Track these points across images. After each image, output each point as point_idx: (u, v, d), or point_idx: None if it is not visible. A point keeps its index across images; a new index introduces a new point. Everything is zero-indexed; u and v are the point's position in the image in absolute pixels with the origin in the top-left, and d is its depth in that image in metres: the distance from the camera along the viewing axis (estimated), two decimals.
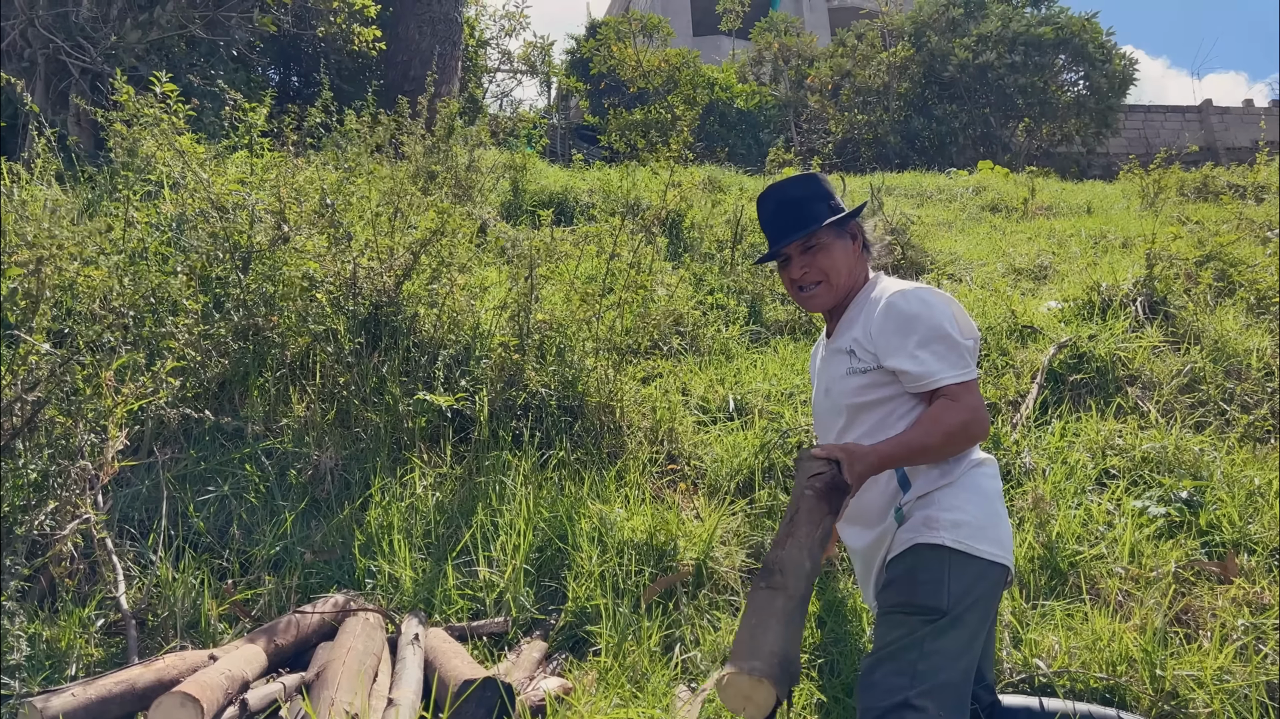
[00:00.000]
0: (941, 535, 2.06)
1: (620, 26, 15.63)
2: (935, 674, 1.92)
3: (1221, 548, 3.19)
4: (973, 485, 2.15)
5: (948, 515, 2.09)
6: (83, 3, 7.01)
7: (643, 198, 7.04)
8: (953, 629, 1.98)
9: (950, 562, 2.05)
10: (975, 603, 2.03)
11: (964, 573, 2.04)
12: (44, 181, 4.38)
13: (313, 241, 3.86)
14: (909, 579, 2.08)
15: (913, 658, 1.95)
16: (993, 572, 2.08)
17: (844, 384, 2.26)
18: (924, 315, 2.14)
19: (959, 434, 2.07)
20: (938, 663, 1.94)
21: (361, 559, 2.99)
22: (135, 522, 2.95)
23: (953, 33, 15.90)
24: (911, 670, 1.93)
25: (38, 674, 2.33)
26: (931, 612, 2.00)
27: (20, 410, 2.67)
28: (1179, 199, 8.93)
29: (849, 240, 2.38)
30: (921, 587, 2.04)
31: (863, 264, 2.41)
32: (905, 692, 1.90)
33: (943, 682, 1.92)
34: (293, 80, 11.39)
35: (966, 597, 2.02)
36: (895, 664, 1.97)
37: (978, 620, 2.04)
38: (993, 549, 2.09)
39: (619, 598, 2.88)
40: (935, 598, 2.01)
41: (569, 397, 3.83)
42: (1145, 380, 4.37)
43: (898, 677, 1.94)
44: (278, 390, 3.48)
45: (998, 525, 2.15)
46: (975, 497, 2.13)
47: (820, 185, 2.43)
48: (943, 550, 2.06)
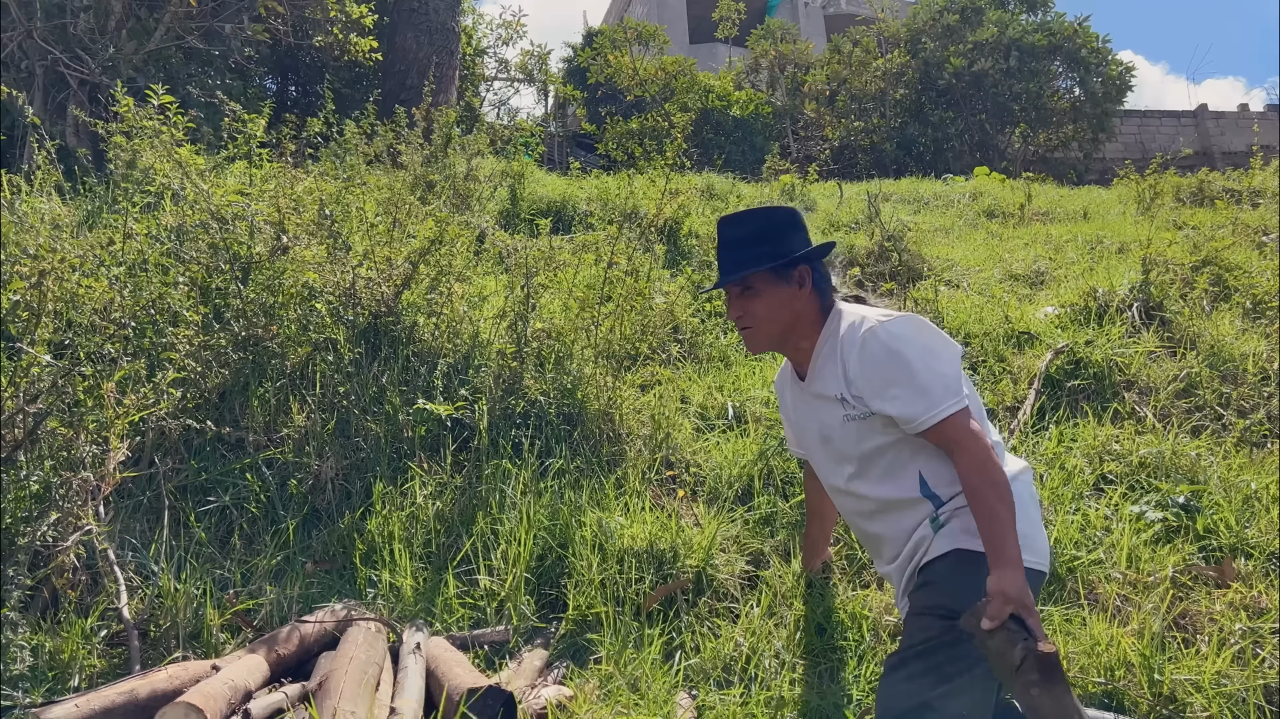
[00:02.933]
0: (979, 544, 2.02)
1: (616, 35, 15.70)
2: (960, 678, 1.91)
3: (1219, 552, 3.21)
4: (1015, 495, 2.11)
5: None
6: (80, 14, 7.03)
7: (640, 206, 7.06)
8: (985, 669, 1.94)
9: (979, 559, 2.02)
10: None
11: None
12: (44, 193, 4.39)
13: (312, 252, 3.87)
14: (946, 583, 2.05)
15: (939, 660, 1.94)
16: (1032, 579, 2.04)
17: (844, 431, 2.22)
18: (901, 352, 2.09)
19: (994, 472, 2.00)
20: (965, 667, 1.92)
21: (362, 568, 3.00)
22: (137, 532, 2.96)
23: (948, 39, 15.96)
24: (938, 672, 1.92)
25: (40, 685, 2.34)
26: (957, 615, 1.97)
27: (22, 422, 2.68)
28: (1175, 204, 8.96)
29: (792, 285, 2.29)
30: (958, 592, 2.00)
31: (811, 306, 2.31)
32: (928, 693, 1.89)
33: (967, 687, 1.90)
34: (290, 90, 11.42)
35: None
36: (921, 664, 1.95)
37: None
38: (1032, 557, 2.05)
39: (619, 606, 2.89)
40: (970, 604, 1.97)
41: (568, 405, 3.84)
42: (1142, 385, 4.39)
43: (923, 677, 1.92)
44: (278, 400, 3.49)
45: (1037, 534, 2.14)
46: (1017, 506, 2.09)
47: (770, 222, 2.34)
48: (983, 558, 2.00)
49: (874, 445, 2.18)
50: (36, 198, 4.37)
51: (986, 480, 2.00)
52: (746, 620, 2.86)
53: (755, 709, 2.51)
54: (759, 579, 3.13)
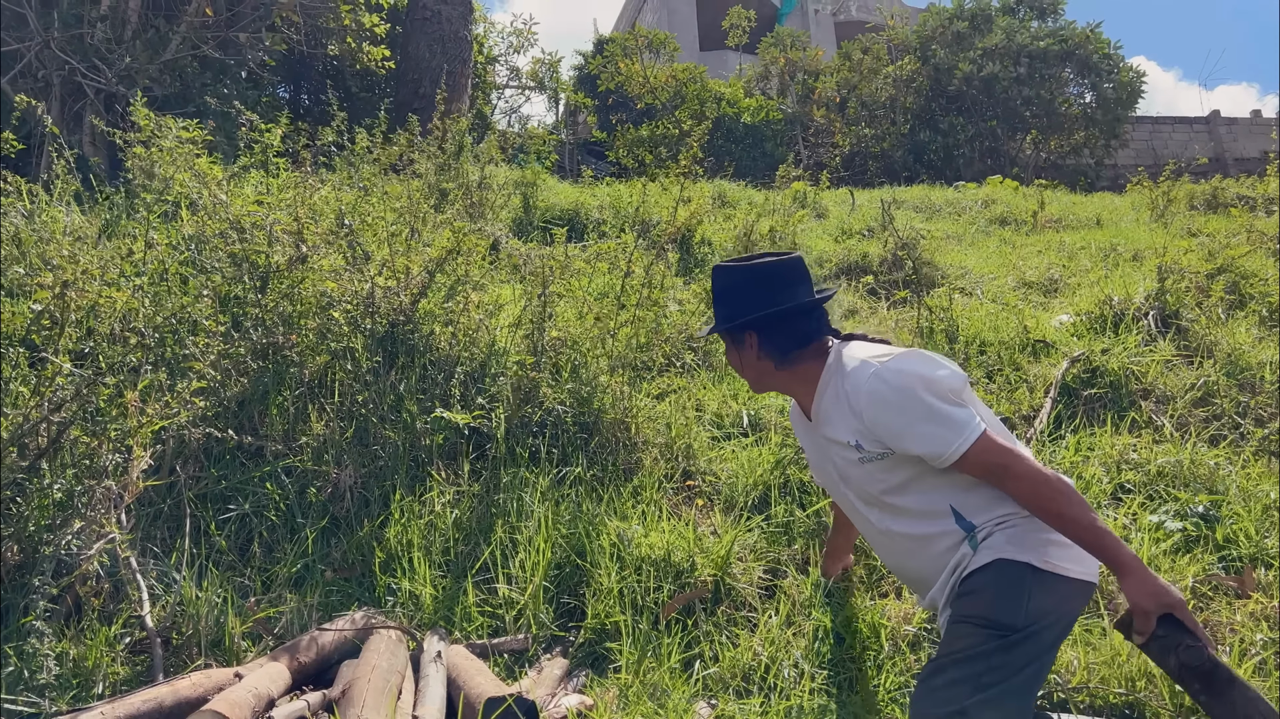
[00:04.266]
0: (1029, 554, 2.01)
1: (627, 43, 15.74)
2: (997, 687, 1.89)
3: (1238, 562, 3.20)
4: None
5: (1034, 536, 2.04)
6: (97, 24, 7.10)
7: (653, 213, 7.08)
8: (1024, 645, 1.94)
9: (1035, 580, 2.00)
10: (1054, 623, 1.99)
11: (1048, 592, 2.00)
12: (63, 202, 4.43)
13: (330, 261, 3.90)
14: (985, 592, 2.03)
15: (978, 669, 1.92)
16: (1080, 591, 2.04)
17: (861, 473, 2.21)
18: (912, 389, 2.07)
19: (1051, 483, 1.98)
20: (1002, 677, 1.91)
21: (382, 577, 3.01)
22: (158, 540, 2.98)
23: (958, 46, 15.96)
24: (975, 681, 1.90)
25: (66, 693, 2.36)
26: (1006, 629, 1.95)
27: (46, 430, 2.70)
28: (1189, 211, 8.94)
29: (742, 348, 2.36)
30: (999, 601, 1.99)
31: (764, 366, 2.35)
32: (964, 700, 1.87)
33: (1003, 696, 1.89)
34: (303, 99, 11.49)
35: (1046, 616, 1.97)
36: (959, 672, 1.94)
37: (1052, 640, 2.00)
38: (1081, 568, 2.05)
39: (638, 614, 2.90)
40: (1012, 615, 1.96)
41: (584, 413, 3.85)
42: (1159, 394, 4.37)
43: (960, 685, 1.90)
44: (297, 409, 3.50)
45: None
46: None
47: (729, 282, 2.38)
48: (1026, 569, 2.00)
49: (896, 482, 2.17)
50: (56, 207, 4.41)
51: (1047, 493, 1.98)
52: (765, 629, 2.86)
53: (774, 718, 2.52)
54: (777, 588, 3.13)
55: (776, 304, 2.32)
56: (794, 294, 2.34)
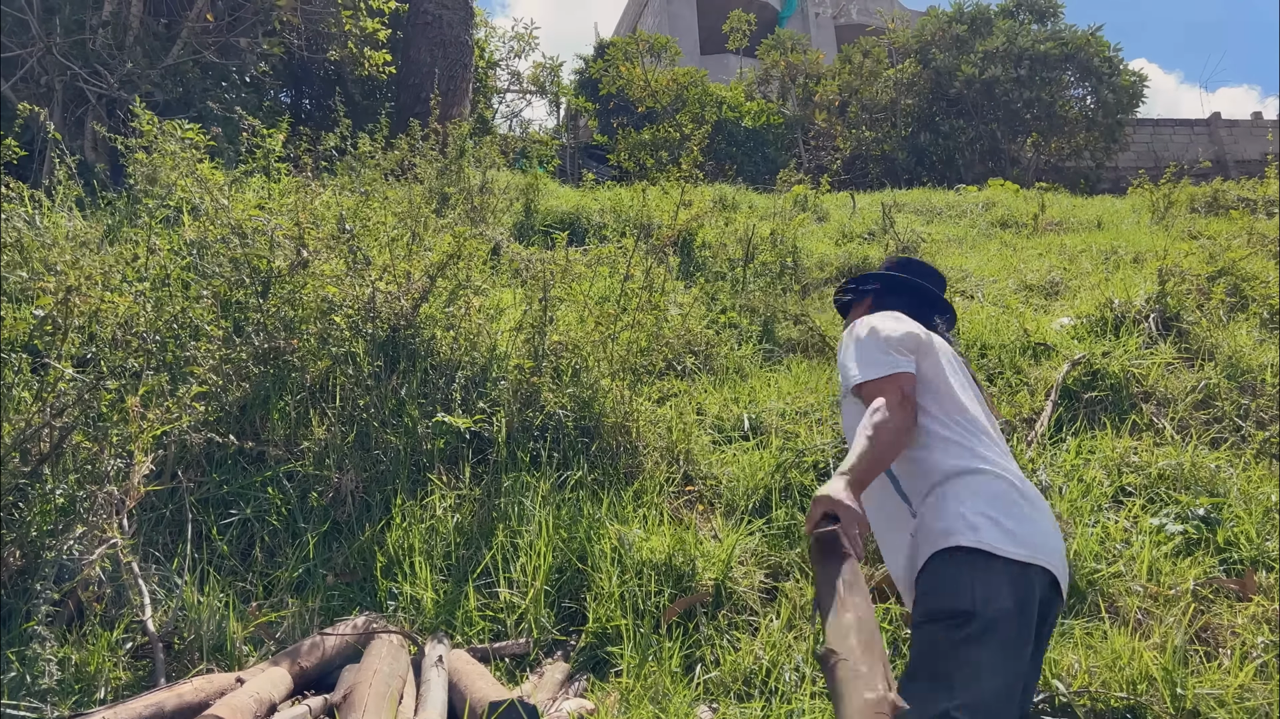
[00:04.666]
0: (955, 539, 2.01)
1: (628, 47, 15.75)
2: (973, 684, 1.84)
3: (1240, 565, 3.20)
4: (976, 487, 2.10)
5: (960, 520, 2.05)
6: (99, 30, 7.11)
7: (654, 217, 7.09)
8: (988, 636, 1.89)
9: (970, 563, 1.99)
10: (1010, 608, 1.94)
11: (989, 574, 1.97)
12: (65, 208, 4.43)
13: (331, 266, 3.90)
14: (931, 588, 2.03)
15: (948, 668, 1.88)
16: (1024, 575, 1.99)
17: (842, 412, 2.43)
18: (856, 333, 2.29)
19: (881, 429, 2.09)
20: (975, 673, 1.86)
21: (383, 581, 3.02)
22: (160, 545, 2.98)
23: (958, 49, 15.96)
24: (948, 682, 1.86)
25: (67, 697, 2.36)
26: (956, 615, 1.92)
27: (48, 436, 2.71)
28: (1189, 213, 8.94)
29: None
30: (943, 592, 1.99)
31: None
32: (943, 703, 1.82)
33: (983, 694, 1.84)
34: (305, 103, 11.50)
35: (996, 599, 1.93)
36: (929, 675, 1.91)
37: (1018, 629, 1.95)
38: (1018, 549, 2.01)
39: (639, 619, 2.90)
40: (956, 599, 1.95)
41: (585, 417, 3.86)
42: (1160, 397, 4.37)
43: (933, 689, 1.86)
44: (298, 413, 3.51)
45: (1022, 524, 2.07)
46: (982, 497, 2.08)
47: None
48: (958, 552, 2.00)
49: (850, 424, 2.30)
50: (58, 213, 4.42)
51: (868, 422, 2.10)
52: (766, 633, 2.87)
53: None
54: (778, 592, 3.13)
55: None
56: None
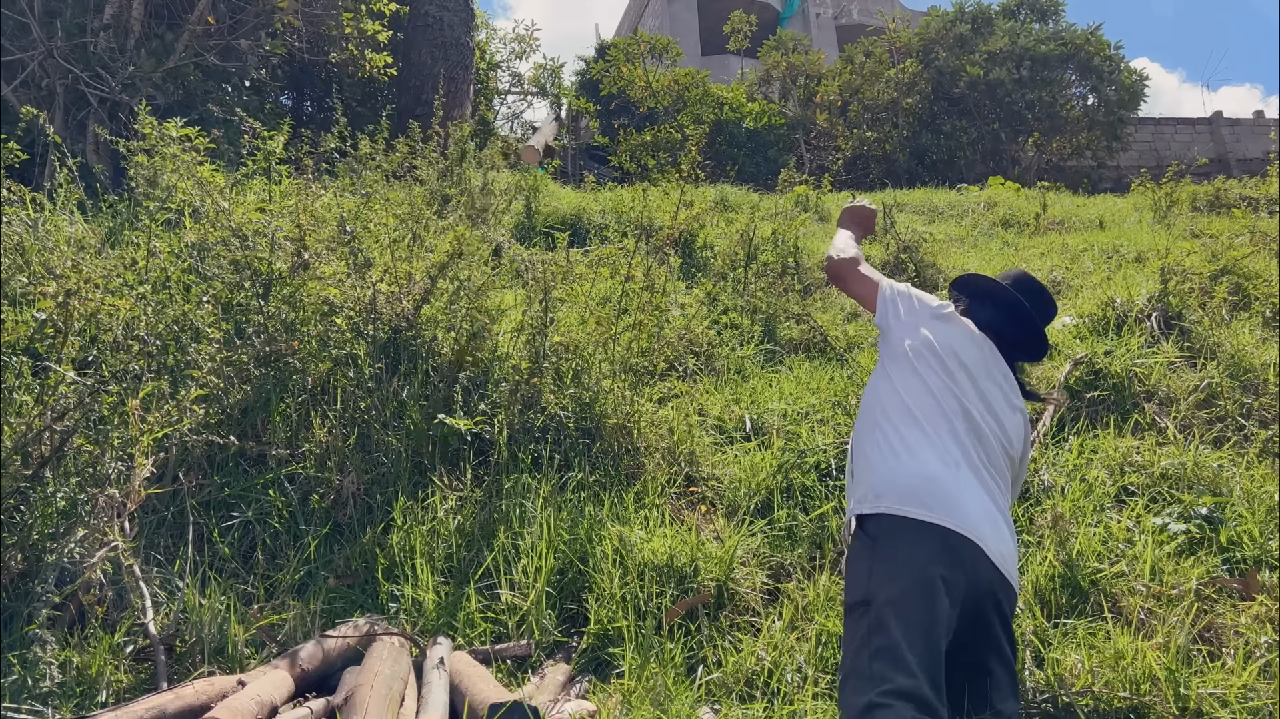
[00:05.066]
0: (859, 506, 2.11)
1: (629, 48, 15.73)
2: (894, 669, 1.89)
3: (1243, 564, 3.19)
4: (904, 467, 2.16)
5: (865, 488, 2.15)
6: (100, 33, 7.12)
7: (655, 218, 7.08)
8: (890, 616, 1.95)
9: (869, 541, 2.06)
10: (906, 572, 1.99)
11: (884, 547, 2.03)
12: (67, 211, 4.44)
13: (332, 268, 3.90)
14: (845, 579, 2.15)
15: (863, 662, 1.95)
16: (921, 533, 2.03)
17: None
18: None
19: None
20: (892, 657, 1.91)
21: (384, 583, 3.02)
22: (161, 548, 2.98)
23: (960, 49, 15.94)
24: (867, 673, 1.92)
25: (69, 701, 2.36)
26: (856, 607, 2.00)
27: (49, 439, 2.71)
28: (1191, 213, 8.92)
29: None
30: (849, 579, 2.09)
31: None
32: (867, 694, 1.88)
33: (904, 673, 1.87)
34: (306, 106, 11.50)
35: (891, 572, 1.99)
36: (850, 666, 1.98)
37: (919, 592, 1.98)
38: (916, 509, 2.05)
39: (641, 620, 2.90)
40: (857, 588, 2.03)
41: (586, 418, 3.85)
42: (1162, 396, 4.36)
43: (857, 683, 1.92)
44: (299, 415, 3.51)
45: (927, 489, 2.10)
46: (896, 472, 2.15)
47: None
48: (859, 532, 2.08)
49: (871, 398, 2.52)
50: (59, 216, 4.42)
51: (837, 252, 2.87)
52: (768, 634, 2.86)
53: None
54: (780, 592, 3.13)
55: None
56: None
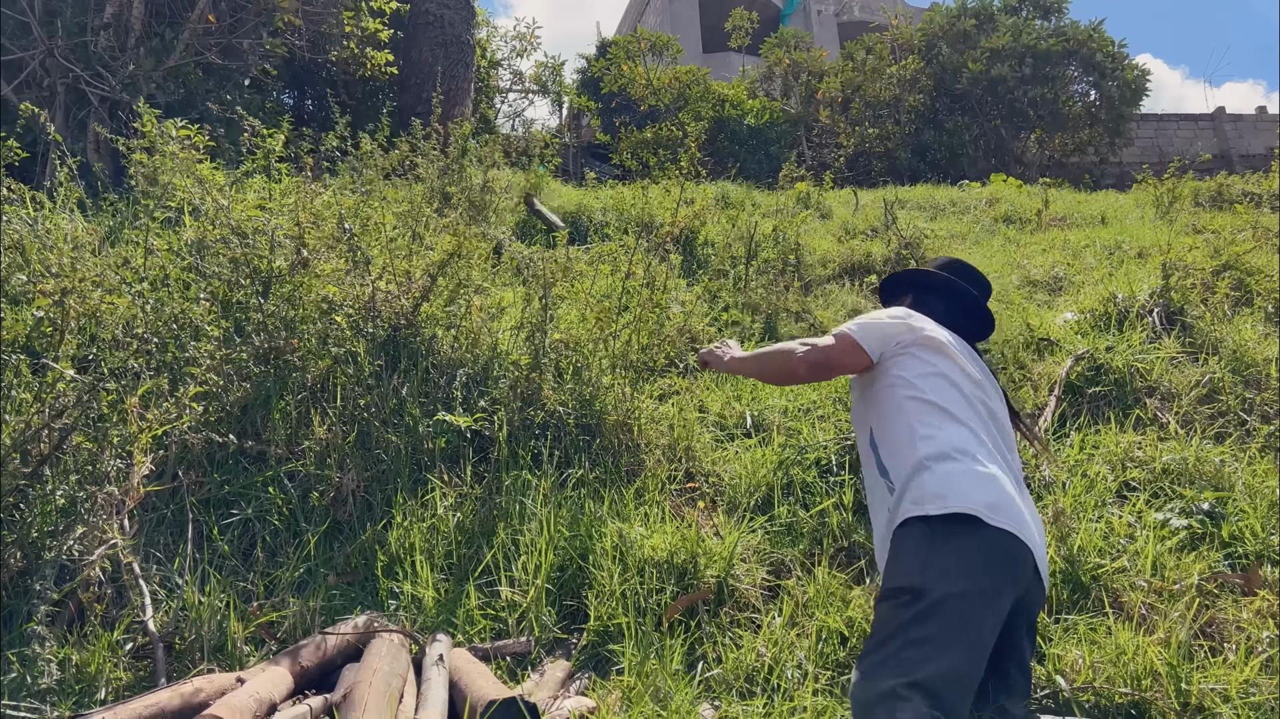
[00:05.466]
0: (923, 507, 2.03)
1: (630, 45, 15.72)
2: (924, 664, 1.83)
3: (1244, 560, 3.18)
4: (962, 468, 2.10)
5: (929, 489, 2.06)
6: (101, 32, 7.11)
7: (656, 215, 7.08)
8: (938, 612, 1.89)
9: (930, 533, 1.99)
10: (967, 574, 1.94)
11: (948, 543, 1.97)
12: (67, 210, 4.44)
13: (331, 265, 3.90)
14: (889, 565, 2.06)
15: (896, 647, 1.89)
16: (987, 537, 1.98)
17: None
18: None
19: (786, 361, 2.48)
20: (927, 652, 1.85)
21: (384, 580, 3.01)
22: (161, 546, 2.98)
23: (963, 44, 15.91)
24: (896, 659, 1.86)
25: (68, 698, 2.36)
26: (904, 592, 1.93)
27: (48, 437, 2.71)
28: (1194, 208, 8.90)
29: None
30: (897, 569, 2.02)
31: None
32: (890, 680, 1.83)
33: (934, 672, 1.82)
34: (307, 104, 11.50)
35: (952, 569, 1.93)
36: (879, 654, 1.91)
37: (975, 599, 1.93)
38: (985, 510, 2.00)
39: (641, 617, 2.89)
40: (907, 576, 1.96)
41: (586, 415, 3.85)
42: (1164, 392, 4.35)
43: (882, 667, 1.87)
44: (299, 413, 3.51)
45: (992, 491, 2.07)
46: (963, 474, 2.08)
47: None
48: (918, 522, 2.02)
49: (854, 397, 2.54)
50: (59, 214, 4.42)
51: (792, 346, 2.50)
52: (768, 631, 2.86)
53: None
54: (780, 589, 3.12)
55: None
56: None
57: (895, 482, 2.17)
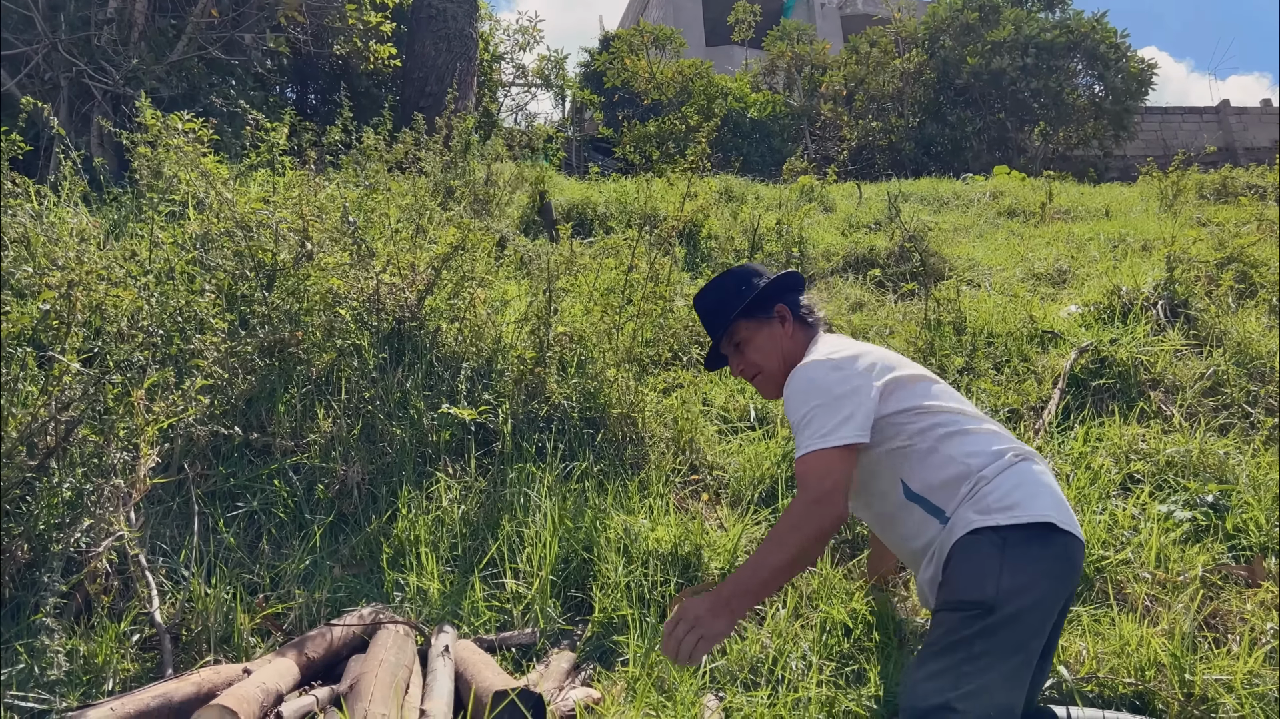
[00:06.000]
0: (991, 518, 1.99)
1: (633, 39, 15.71)
2: (981, 676, 1.85)
3: (1248, 551, 3.18)
4: (1018, 473, 2.09)
5: (993, 500, 2.03)
6: (104, 27, 7.12)
7: (659, 209, 7.07)
8: (1006, 626, 1.90)
9: (1002, 544, 1.97)
10: (1038, 585, 1.94)
11: (1023, 554, 1.96)
12: (71, 204, 4.45)
13: (336, 258, 3.91)
14: (957, 573, 2.02)
15: (958, 659, 1.89)
16: (1058, 544, 1.98)
17: None
18: (799, 390, 2.21)
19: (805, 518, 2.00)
20: (985, 664, 1.87)
21: (389, 572, 3.02)
22: (167, 538, 2.99)
23: (967, 37, 15.87)
24: (956, 672, 1.87)
25: (76, 689, 2.37)
26: (975, 606, 1.92)
27: (54, 429, 2.71)
28: (1198, 201, 8.89)
29: (774, 323, 2.48)
30: (965, 580, 1.98)
31: (798, 339, 2.48)
32: (947, 693, 1.84)
33: (988, 684, 1.84)
34: (310, 98, 11.50)
35: (1025, 583, 1.93)
36: (938, 664, 1.91)
37: (1043, 608, 1.95)
38: (1056, 516, 2.00)
39: (645, 608, 2.90)
40: (979, 590, 1.93)
41: (591, 408, 3.86)
42: (1168, 384, 4.35)
43: (940, 678, 1.87)
44: (304, 406, 3.51)
45: (1053, 491, 2.08)
46: (1023, 482, 2.07)
47: (732, 281, 2.52)
48: (988, 533, 1.98)
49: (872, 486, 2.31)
50: (64, 208, 4.43)
51: (792, 520, 2.03)
52: (772, 622, 2.86)
53: (782, 711, 2.51)
54: None
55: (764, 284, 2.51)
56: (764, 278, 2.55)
57: (947, 507, 2.13)
